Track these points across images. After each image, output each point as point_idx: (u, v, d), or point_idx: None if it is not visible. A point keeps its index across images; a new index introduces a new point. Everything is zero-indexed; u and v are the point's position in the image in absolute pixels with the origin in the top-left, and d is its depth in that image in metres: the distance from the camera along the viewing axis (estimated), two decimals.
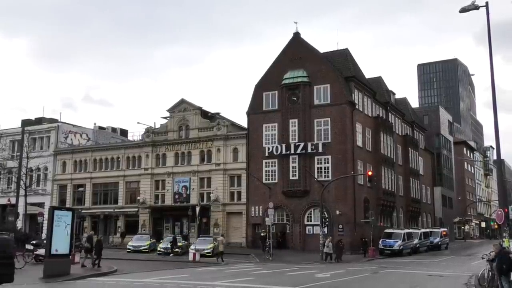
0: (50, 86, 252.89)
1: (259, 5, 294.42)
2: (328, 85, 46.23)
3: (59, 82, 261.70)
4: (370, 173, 40.89)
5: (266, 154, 47.11)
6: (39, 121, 66.47)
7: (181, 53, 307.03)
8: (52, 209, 23.80)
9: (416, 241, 46.84)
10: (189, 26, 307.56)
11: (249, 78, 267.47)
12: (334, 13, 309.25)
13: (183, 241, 42.97)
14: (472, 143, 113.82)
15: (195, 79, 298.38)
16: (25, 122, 65.33)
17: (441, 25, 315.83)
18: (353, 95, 46.86)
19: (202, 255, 35.72)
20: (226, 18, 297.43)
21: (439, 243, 53.33)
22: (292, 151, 45.65)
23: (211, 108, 59.99)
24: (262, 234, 43.32)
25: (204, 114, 54.06)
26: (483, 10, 21.07)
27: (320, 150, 44.94)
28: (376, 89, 53.41)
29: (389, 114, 56.29)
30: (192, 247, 37.01)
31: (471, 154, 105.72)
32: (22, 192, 49.28)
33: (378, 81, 58.20)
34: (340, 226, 43.24)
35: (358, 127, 47.28)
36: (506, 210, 23.05)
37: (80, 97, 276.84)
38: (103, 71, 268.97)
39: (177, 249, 39.61)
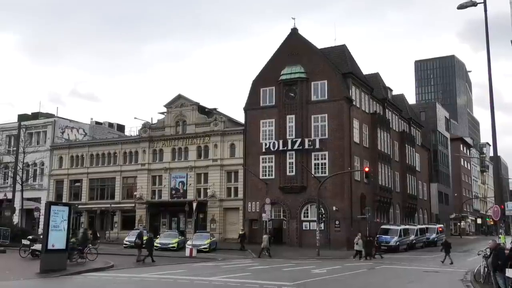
0: (37, 81, 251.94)
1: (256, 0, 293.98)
2: (326, 81, 46.21)
3: (47, 76, 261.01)
4: (367, 169, 40.89)
5: (263, 150, 47.10)
6: (36, 116, 66.31)
7: (175, 48, 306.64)
8: (49, 204, 23.77)
9: (412, 237, 46.92)
10: (182, 21, 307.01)
11: (247, 74, 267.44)
12: (328, 9, 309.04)
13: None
14: (468, 140, 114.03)
15: (192, 75, 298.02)
16: (22, 117, 65.19)
17: (429, 22, 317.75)
18: (350, 91, 46.86)
19: (199, 251, 35.74)
20: (222, 13, 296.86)
21: (435, 239, 53.41)
22: (289, 147, 45.67)
23: (208, 104, 59.93)
24: (240, 232, 42.43)
25: (201, 109, 54.00)
26: (475, 7, 21.05)
27: (317, 146, 44.95)
28: (373, 85, 53.45)
29: (386, 110, 56.35)
30: (189, 242, 37.03)
31: (468, 150, 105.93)
32: (18, 187, 49.22)
33: (375, 77, 58.24)
34: (337, 222, 43.32)
35: (355, 123, 47.32)
36: (502, 206, 23.12)
37: (67, 92, 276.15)
38: (91, 66, 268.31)
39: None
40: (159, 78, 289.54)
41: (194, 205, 40.61)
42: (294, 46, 48.50)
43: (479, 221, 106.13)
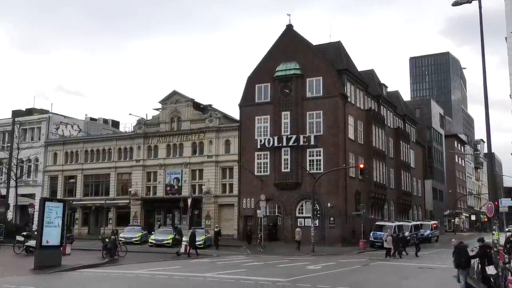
0: (24, 77, 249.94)
1: None
2: (321, 78, 46.20)
3: (33, 73, 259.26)
4: (361, 165, 41.00)
5: (258, 146, 47.07)
6: (30, 112, 66.07)
7: (170, 44, 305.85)
8: (44, 201, 23.76)
9: (407, 233, 46.99)
10: (175, 16, 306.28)
11: (242, 70, 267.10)
12: (323, 4, 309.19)
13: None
14: (463, 137, 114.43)
15: (187, 71, 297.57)
16: (16, 113, 64.94)
17: (413, 18, 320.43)
18: (345, 87, 46.88)
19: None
20: (216, 8, 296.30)
21: (430, 235, 53.69)
22: (284, 144, 45.65)
23: (203, 100, 59.87)
24: (215, 230, 41.27)
25: (196, 106, 53.92)
26: (468, 3, 21.04)
27: (312, 142, 44.96)
28: (368, 82, 53.48)
29: (381, 107, 56.43)
30: (184, 238, 37.00)
31: (462, 147, 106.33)
32: (12, 183, 49.07)
33: (371, 74, 58.26)
34: (332, 219, 43.39)
35: (350, 120, 47.35)
36: (496, 203, 23.21)
37: (53, 88, 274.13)
38: (78, 62, 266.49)
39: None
40: (153, 74, 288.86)
41: (189, 201, 40.57)
42: (289, 43, 48.45)
43: (473, 217, 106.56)
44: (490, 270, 15.56)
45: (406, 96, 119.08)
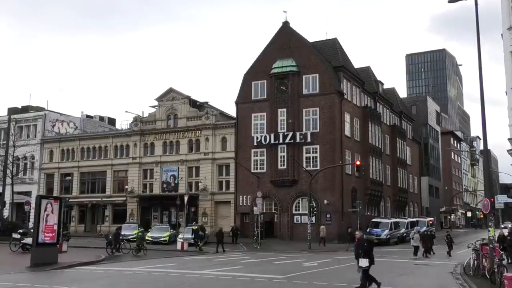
0: (14, 75, 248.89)
1: None
2: (317, 75, 46.23)
3: (23, 70, 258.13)
4: (358, 162, 40.98)
5: (255, 144, 47.10)
6: (26, 109, 65.86)
7: (166, 41, 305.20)
8: (40, 198, 23.71)
9: (403, 230, 47.20)
10: (172, 13, 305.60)
11: (238, 67, 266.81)
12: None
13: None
14: (459, 134, 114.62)
15: (183, 68, 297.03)
16: (12, 110, 64.76)
17: (404, 15, 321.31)
18: (341, 84, 46.91)
19: (190, 244, 35.78)
20: (212, 5, 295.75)
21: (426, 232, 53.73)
22: (281, 141, 45.70)
23: (199, 97, 59.86)
24: (194, 228, 38.61)
25: (193, 103, 53.86)
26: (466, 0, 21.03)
27: (309, 139, 45.02)
28: (364, 79, 53.55)
29: (377, 104, 56.49)
30: (180, 236, 37.05)
31: (458, 144, 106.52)
32: (8, 180, 48.93)
33: (367, 71, 58.37)
34: (328, 216, 43.48)
35: (347, 117, 47.40)
36: (492, 200, 23.25)
37: (46, 86, 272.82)
38: (71, 60, 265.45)
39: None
40: (150, 72, 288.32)
41: (186, 198, 40.54)
42: (285, 40, 48.44)
43: (469, 214, 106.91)
44: (361, 262, 16.13)
45: (402, 93, 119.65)
